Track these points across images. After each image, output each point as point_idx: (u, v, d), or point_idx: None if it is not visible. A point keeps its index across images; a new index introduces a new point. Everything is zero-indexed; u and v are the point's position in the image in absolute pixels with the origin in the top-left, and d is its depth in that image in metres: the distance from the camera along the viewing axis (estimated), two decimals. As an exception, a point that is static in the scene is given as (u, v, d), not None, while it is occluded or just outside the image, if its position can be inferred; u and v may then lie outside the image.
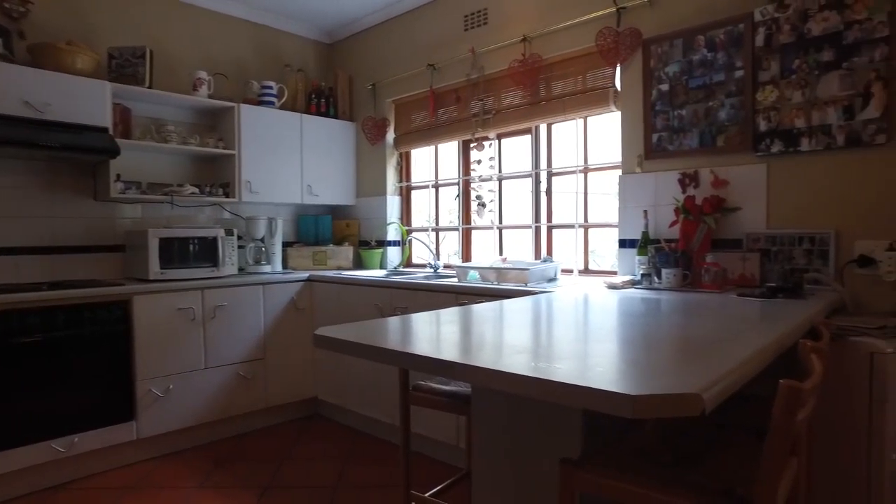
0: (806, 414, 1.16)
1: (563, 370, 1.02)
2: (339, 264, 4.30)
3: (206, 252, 3.54)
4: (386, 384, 3.37)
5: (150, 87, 3.49)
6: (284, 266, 4.27)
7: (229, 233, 3.68)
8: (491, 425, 1.57)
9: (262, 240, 4.03)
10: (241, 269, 3.99)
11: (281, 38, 4.50)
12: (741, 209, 2.55)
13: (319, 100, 4.42)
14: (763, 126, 2.49)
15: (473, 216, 3.82)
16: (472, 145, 3.76)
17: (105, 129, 3.22)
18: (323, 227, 4.59)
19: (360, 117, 4.52)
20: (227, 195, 3.87)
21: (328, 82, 4.69)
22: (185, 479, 2.94)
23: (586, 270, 3.30)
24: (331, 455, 3.24)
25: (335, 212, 4.77)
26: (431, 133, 4.04)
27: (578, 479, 1.21)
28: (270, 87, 4.07)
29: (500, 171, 3.77)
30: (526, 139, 3.62)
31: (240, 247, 3.98)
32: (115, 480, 2.93)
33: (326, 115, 4.44)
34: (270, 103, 4.06)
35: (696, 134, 2.69)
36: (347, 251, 4.35)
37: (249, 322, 3.58)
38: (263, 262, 3.99)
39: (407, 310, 3.18)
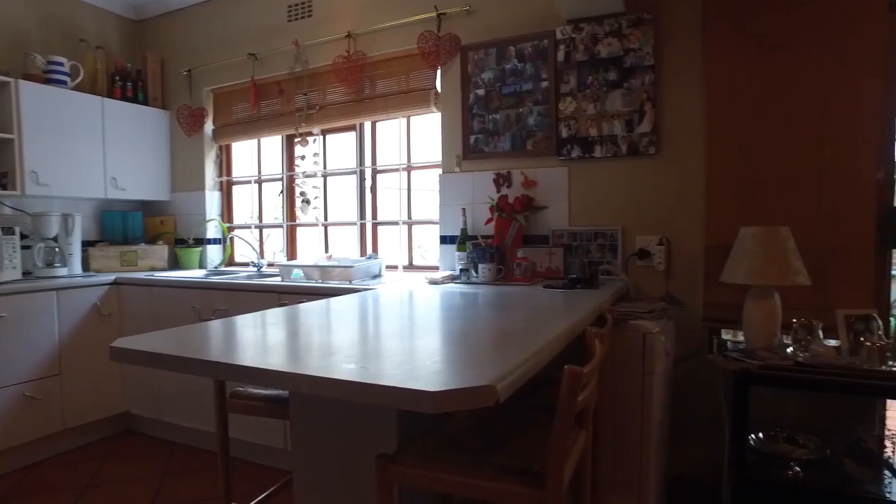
0: (589, 391, 1.33)
1: (372, 370, 1.05)
2: (152, 265, 3.94)
3: (-21, 255, 3.02)
4: (204, 391, 3.17)
5: None
6: (85, 268, 3.81)
7: (9, 231, 3.18)
8: (310, 427, 1.57)
9: (55, 239, 3.54)
10: (27, 273, 3.47)
11: (73, 6, 3.96)
12: (548, 208, 2.83)
13: (125, 83, 3.99)
14: (564, 133, 2.77)
15: (298, 213, 3.74)
16: (296, 140, 3.67)
17: None
18: (133, 225, 4.17)
19: (175, 105, 4.16)
20: (4, 187, 3.33)
21: (136, 64, 4.25)
22: (-45, 522, 2.50)
23: (411, 266, 3.41)
24: (145, 474, 2.97)
25: (147, 208, 4.35)
26: (254, 126, 3.86)
27: (394, 473, 1.26)
28: (61, 64, 3.58)
29: (324, 167, 3.73)
30: (351, 136, 3.63)
31: (25, 247, 3.46)
32: None
33: (134, 100, 4.02)
34: (61, 82, 3.57)
35: (508, 137, 2.91)
36: (161, 250, 3.99)
37: (39, 334, 3.14)
38: (57, 265, 3.51)
39: (227, 312, 3.02)
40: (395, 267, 3.41)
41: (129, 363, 1.27)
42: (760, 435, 2.35)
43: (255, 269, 3.72)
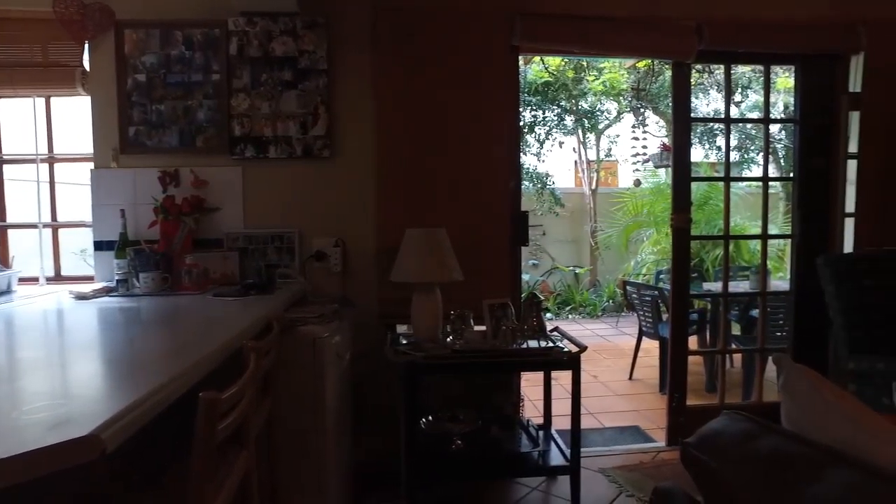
0: (240, 412, 1.26)
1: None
2: None
3: None
4: None
5: None
6: None
7: None
8: None
9: None
10: None
11: None
12: (221, 209, 2.65)
13: None
14: (238, 131, 2.63)
15: None
16: None
17: None
18: None
19: None
20: None
21: None
22: None
23: (58, 278, 2.85)
24: None
25: None
26: None
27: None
28: None
29: (-79, 152, 2.85)
30: (-37, 114, 2.85)
31: None
32: None
33: None
34: None
35: (175, 132, 2.63)
36: None
37: None
38: None
39: None
40: (36, 279, 2.79)
41: None
42: (430, 417, 2.61)
43: None
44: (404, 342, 2.45)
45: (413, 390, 2.30)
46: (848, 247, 3.00)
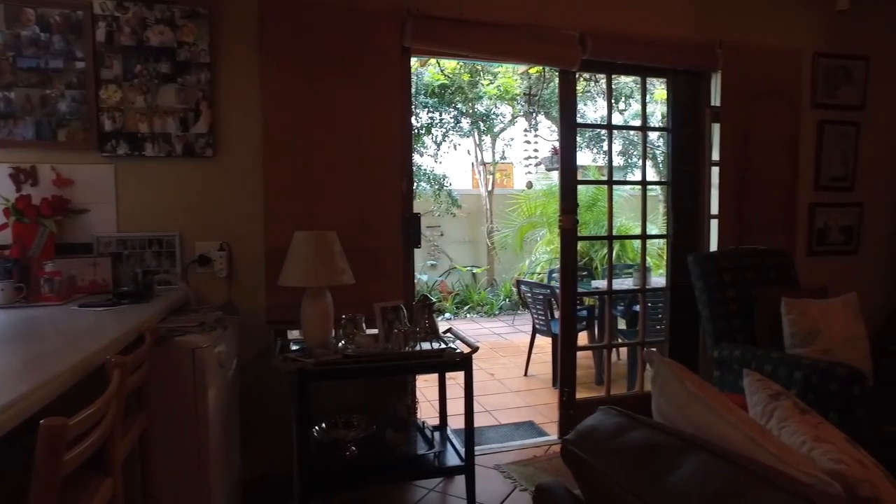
0: (101, 435, 1.15)
1: None
2: None
3: None
4: None
5: None
6: None
7: None
8: None
9: None
10: None
11: None
12: (90, 211, 2.41)
13: None
14: (108, 126, 2.41)
15: None
16: None
17: None
18: None
19: None
20: None
21: None
22: None
23: None
24: None
25: None
26: None
27: None
28: None
29: None
30: None
31: None
32: None
33: None
34: None
35: (31, 123, 2.36)
36: None
37: None
38: None
39: None
40: None
41: None
42: (323, 424, 2.54)
43: None
44: (294, 348, 2.37)
45: (305, 398, 2.23)
46: (713, 245, 3.29)
